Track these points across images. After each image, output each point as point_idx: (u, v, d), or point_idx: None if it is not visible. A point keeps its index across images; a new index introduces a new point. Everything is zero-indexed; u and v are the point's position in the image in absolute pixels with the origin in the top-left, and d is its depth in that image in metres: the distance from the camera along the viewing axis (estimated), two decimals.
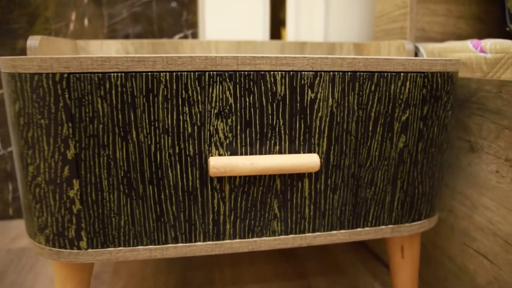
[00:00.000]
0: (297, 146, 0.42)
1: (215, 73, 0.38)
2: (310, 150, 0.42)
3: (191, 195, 0.41)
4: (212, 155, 0.40)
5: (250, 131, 0.40)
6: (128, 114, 0.38)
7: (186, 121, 0.39)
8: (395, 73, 0.42)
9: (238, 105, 0.39)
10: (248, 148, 0.41)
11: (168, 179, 0.40)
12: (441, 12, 0.67)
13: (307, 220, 0.44)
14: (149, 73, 0.37)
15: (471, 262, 0.52)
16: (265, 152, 0.41)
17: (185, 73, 0.38)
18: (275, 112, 0.40)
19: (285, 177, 0.42)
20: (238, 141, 0.40)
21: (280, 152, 0.42)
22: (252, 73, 0.39)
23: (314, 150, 0.42)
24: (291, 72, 0.40)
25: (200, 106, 0.39)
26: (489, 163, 0.49)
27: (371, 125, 0.43)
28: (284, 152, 0.42)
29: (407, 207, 0.47)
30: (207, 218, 0.42)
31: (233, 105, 0.39)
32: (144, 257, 0.42)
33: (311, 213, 0.44)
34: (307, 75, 0.40)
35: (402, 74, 0.42)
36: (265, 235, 0.44)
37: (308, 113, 0.41)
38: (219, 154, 0.40)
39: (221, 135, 0.40)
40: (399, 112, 0.43)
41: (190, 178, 0.40)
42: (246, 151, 0.41)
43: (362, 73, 0.41)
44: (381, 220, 0.47)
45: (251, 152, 0.41)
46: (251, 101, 0.40)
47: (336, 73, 0.41)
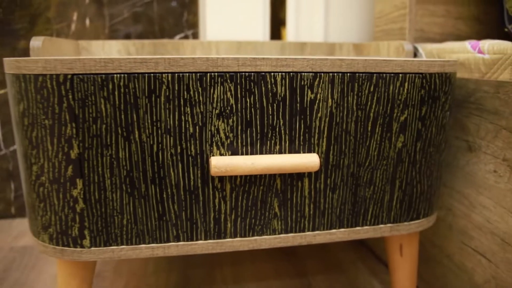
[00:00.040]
0: (297, 146, 0.42)
1: (216, 74, 0.39)
2: (309, 150, 0.43)
3: (193, 194, 0.41)
4: (213, 155, 0.41)
5: (251, 131, 0.41)
6: (130, 115, 0.38)
7: (188, 121, 0.39)
8: (394, 74, 0.43)
9: (239, 105, 0.40)
10: (248, 148, 0.41)
11: (170, 179, 0.40)
12: (440, 13, 0.67)
13: (307, 219, 0.45)
14: (152, 74, 0.38)
15: (469, 261, 0.53)
16: (265, 152, 0.42)
17: (187, 74, 0.38)
18: (275, 113, 0.41)
19: (285, 176, 0.43)
20: (239, 141, 0.41)
21: (280, 152, 0.42)
22: (252, 74, 0.39)
23: (314, 150, 0.43)
24: (291, 73, 0.40)
25: (201, 106, 0.39)
26: (487, 162, 0.49)
27: (370, 125, 0.43)
28: (284, 152, 0.42)
29: (405, 206, 0.48)
30: (209, 217, 0.42)
31: (234, 106, 0.40)
32: (146, 255, 0.42)
33: (311, 212, 0.45)
34: (307, 76, 0.41)
35: (400, 75, 0.43)
36: (266, 234, 0.44)
37: (308, 113, 0.42)
38: (220, 154, 0.41)
39: (222, 135, 0.40)
40: (397, 112, 0.44)
41: (191, 177, 0.41)
42: (247, 151, 0.41)
43: (361, 74, 0.42)
44: (380, 219, 0.47)
45: (252, 152, 0.42)
46: (252, 102, 0.40)
47: (335, 74, 0.41)
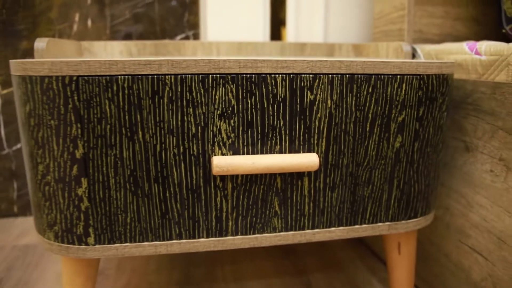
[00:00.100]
0: (297, 146, 0.43)
1: (218, 75, 0.40)
2: (309, 149, 0.44)
3: (195, 193, 0.42)
4: (215, 155, 0.41)
5: (252, 131, 0.42)
6: (134, 115, 0.39)
7: (190, 122, 0.40)
8: (392, 76, 0.43)
9: (240, 106, 0.41)
10: (249, 148, 0.42)
11: (172, 178, 0.41)
12: (438, 14, 0.68)
13: (306, 217, 0.46)
14: (155, 76, 0.38)
15: (466, 259, 0.54)
16: (266, 151, 0.43)
17: (190, 75, 0.39)
18: (275, 113, 0.42)
19: (286, 175, 0.44)
20: (240, 141, 0.42)
21: (280, 152, 0.43)
22: (253, 75, 0.40)
23: (314, 150, 0.44)
24: (291, 75, 0.41)
25: (203, 107, 0.40)
26: (483, 162, 0.50)
27: (368, 125, 0.44)
28: (285, 152, 0.43)
29: (403, 205, 0.48)
30: (210, 215, 0.43)
31: (235, 107, 0.41)
32: (150, 253, 0.43)
33: (311, 211, 0.46)
34: (307, 78, 0.41)
35: (398, 76, 0.44)
36: (266, 232, 0.45)
37: (308, 114, 0.42)
38: (222, 154, 0.42)
39: (224, 135, 0.41)
40: (395, 113, 0.45)
41: (194, 176, 0.42)
42: (248, 151, 0.42)
43: (359, 75, 0.43)
44: (378, 218, 0.48)
45: (253, 151, 0.42)
46: (253, 103, 0.41)
47: (334, 75, 0.42)
